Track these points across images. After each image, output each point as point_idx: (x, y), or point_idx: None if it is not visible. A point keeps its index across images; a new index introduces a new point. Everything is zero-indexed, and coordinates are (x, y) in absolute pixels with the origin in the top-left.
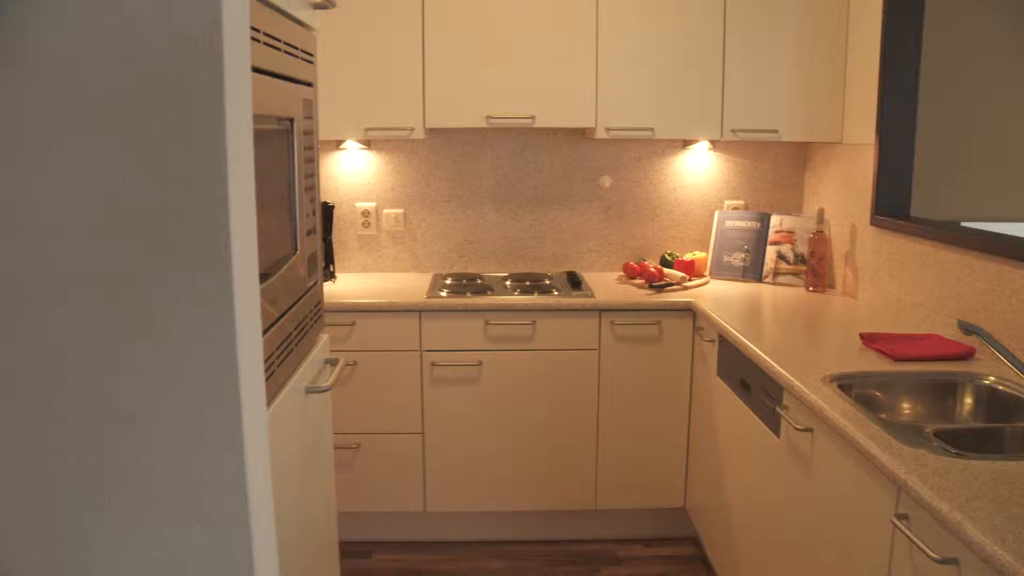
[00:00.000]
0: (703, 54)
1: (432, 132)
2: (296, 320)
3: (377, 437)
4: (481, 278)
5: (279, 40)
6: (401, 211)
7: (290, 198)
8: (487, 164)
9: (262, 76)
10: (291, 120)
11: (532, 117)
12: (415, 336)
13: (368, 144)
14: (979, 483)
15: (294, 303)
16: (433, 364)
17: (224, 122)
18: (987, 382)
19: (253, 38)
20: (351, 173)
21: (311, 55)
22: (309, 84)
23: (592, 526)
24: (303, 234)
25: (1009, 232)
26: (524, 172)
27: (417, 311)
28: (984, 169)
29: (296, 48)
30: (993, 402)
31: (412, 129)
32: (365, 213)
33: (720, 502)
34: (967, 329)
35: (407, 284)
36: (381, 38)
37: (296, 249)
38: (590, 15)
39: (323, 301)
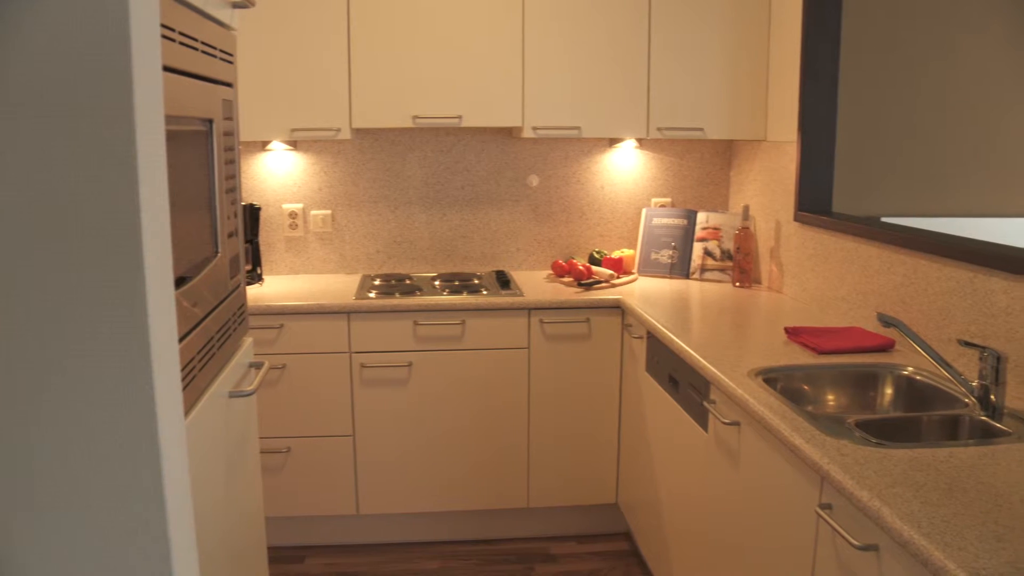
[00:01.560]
0: (629, 53)
1: (359, 132)
2: (218, 323)
3: (307, 440)
4: (410, 278)
5: (196, 40)
6: (328, 212)
7: (210, 200)
8: (415, 164)
9: (178, 76)
10: (210, 121)
11: (459, 117)
12: (344, 338)
13: (294, 145)
14: (897, 471)
15: (216, 306)
16: (363, 366)
17: (134, 124)
18: (906, 373)
19: (168, 37)
20: (277, 174)
21: (230, 55)
22: (229, 84)
23: (526, 524)
24: (224, 236)
25: (925, 227)
26: (452, 172)
27: (346, 313)
28: (902, 166)
29: (215, 48)
30: (911, 392)
31: (338, 130)
32: (292, 214)
33: (651, 497)
34: (886, 321)
35: (335, 285)
36: (307, 38)
37: (217, 251)
38: (516, 15)
39: (247, 304)
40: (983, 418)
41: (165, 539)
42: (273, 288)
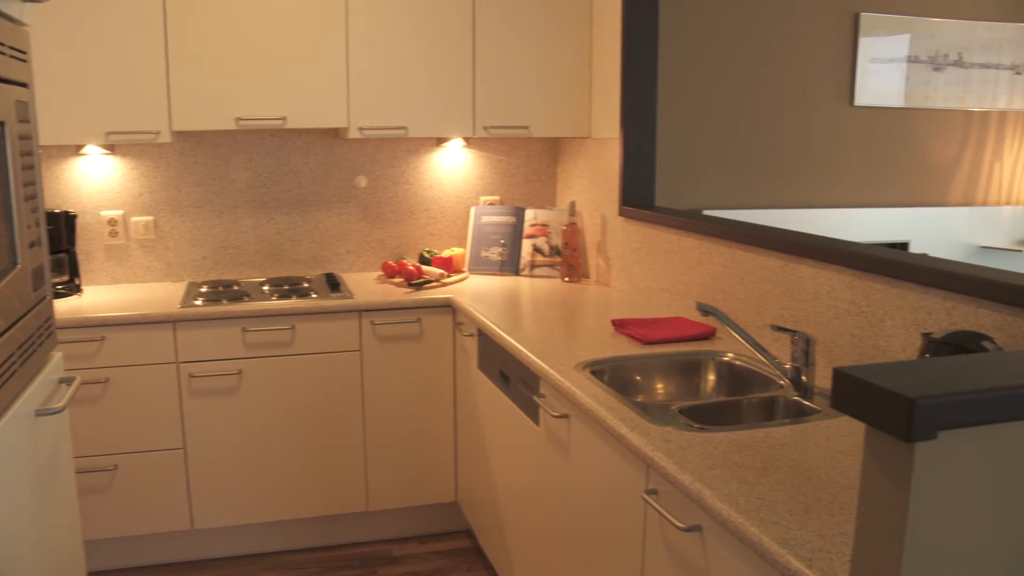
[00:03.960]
0: (453, 53)
1: (180, 135)
2: (20, 339)
3: (135, 456)
4: (238, 284)
5: None
6: (151, 218)
7: (5, 208)
8: (240, 167)
9: None
10: (2, 124)
11: (283, 118)
12: (170, 348)
13: (111, 149)
14: (718, 453)
15: (16, 321)
16: (191, 376)
17: None
18: (726, 359)
19: None
20: (94, 180)
21: (23, 52)
22: (23, 84)
23: (366, 528)
24: (24, 246)
25: (742, 218)
26: (278, 174)
27: (171, 322)
28: (721, 162)
29: (2, 45)
30: (732, 376)
31: (158, 132)
32: (112, 222)
33: (489, 493)
34: (704, 310)
35: (160, 294)
36: (120, 36)
37: (16, 263)
38: (339, 15)
39: (54, 317)
40: (796, 398)
41: None
42: (93, 299)
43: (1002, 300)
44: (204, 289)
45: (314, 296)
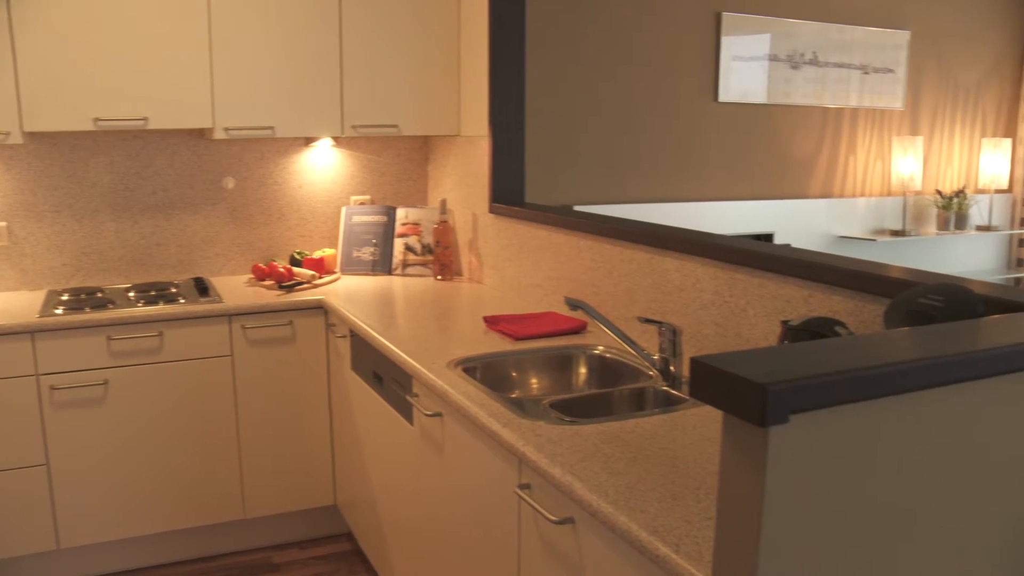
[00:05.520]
0: (321, 52)
1: (33, 136)
2: None
3: None
4: (102, 291)
5: None
6: (3, 224)
7: None
8: (100, 169)
9: None
10: None
11: (145, 119)
12: (29, 360)
13: None
14: (589, 445)
15: None
16: (52, 388)
17: None
18: (596, 352)
19: None
20: None
21: None
22: None
23: (245, 536)
24: None
25: (610, 213)
26: (142, 177)
27: (29, 332)
28: (589, 158)
29: None
30: (603, 369)
31: (7, 133)
32: None
33: (367, 494)
34: (573, 305)
35: (16, 303)
36: None
37: None
38: (202, 11)
39: None
40: (665, 388)
41: None
42: None
43: (853, 287)
44: (65, 297)
45: (182, 301)
